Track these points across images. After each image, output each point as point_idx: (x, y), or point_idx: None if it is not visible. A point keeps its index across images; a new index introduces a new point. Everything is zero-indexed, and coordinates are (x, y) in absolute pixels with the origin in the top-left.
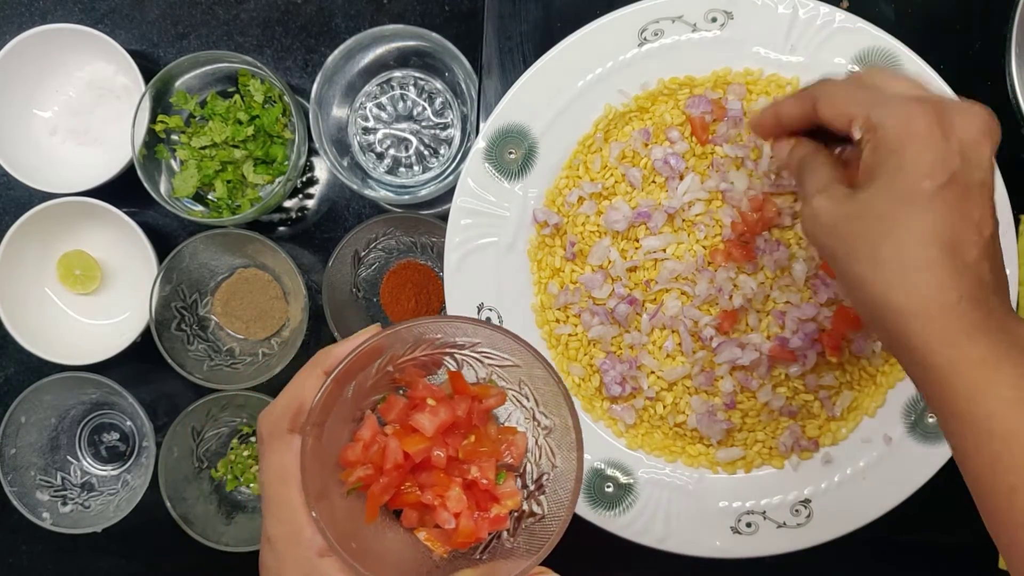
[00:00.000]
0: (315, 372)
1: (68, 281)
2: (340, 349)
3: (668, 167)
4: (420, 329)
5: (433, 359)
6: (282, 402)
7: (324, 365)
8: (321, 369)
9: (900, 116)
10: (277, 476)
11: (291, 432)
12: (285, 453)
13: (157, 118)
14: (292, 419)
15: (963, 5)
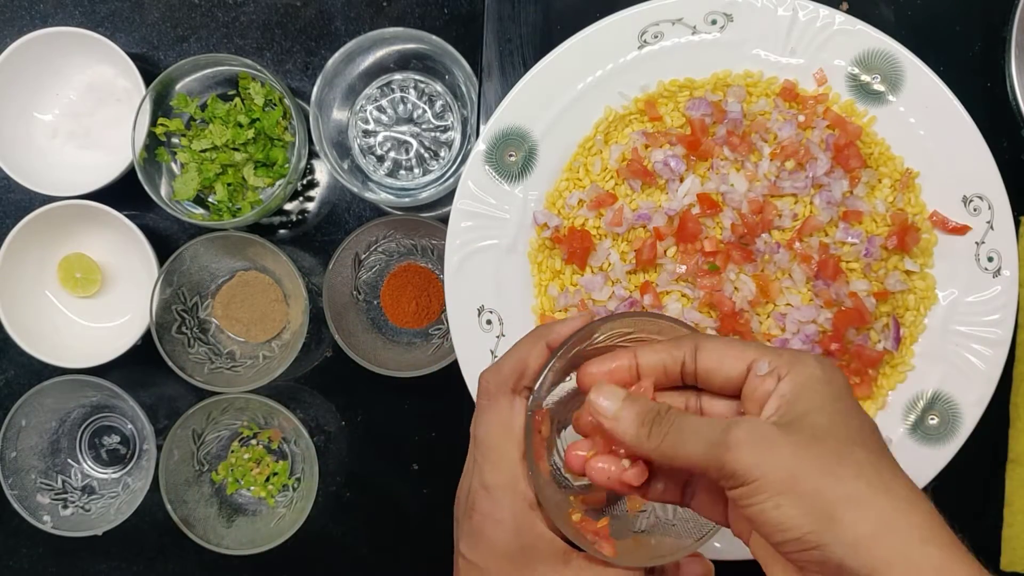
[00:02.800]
0: (540, 343)
1: (69, 284)
2: (562, 328)
3: (668, 169)
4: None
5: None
6: (509, 364)
7: (548, 338)
8: (545, 342)
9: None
10: (500, 430)
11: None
12: (507, 410)
13: (157, 121)
14: (515, 382)
15: (963, 6)
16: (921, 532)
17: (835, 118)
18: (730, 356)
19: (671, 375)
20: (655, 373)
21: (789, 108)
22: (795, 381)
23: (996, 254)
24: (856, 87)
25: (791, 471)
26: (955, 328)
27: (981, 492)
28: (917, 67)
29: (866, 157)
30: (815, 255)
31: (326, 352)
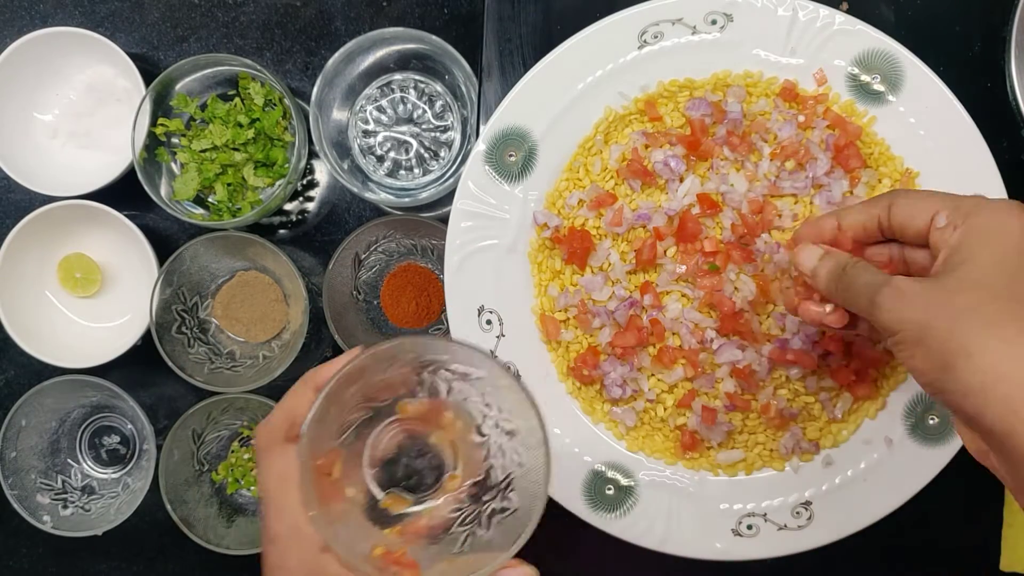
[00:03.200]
0: (307, 388)
1: (69, 284)
2: (328, 368)
3: (668, 169)
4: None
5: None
6: (278, 415)
7: (315, 382)
8: (312, 386)
9: (1001, 204)
10: (277, 480)
11: (286, 442)
12: (283, 460)
13: (157, 121)
14: (287, 431)
15: (963, 6)
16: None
17: (835, 118)
18: (919, 209)
19: (871, 232)
20: (856, 231)
21: (789, 108)
22: (965, 231)
23: None
24: (856, 87)
25: (924, 323)
26: None
27: (981, 492)
28: (917, 67)
29: (866, 157)
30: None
31: (326, 352)
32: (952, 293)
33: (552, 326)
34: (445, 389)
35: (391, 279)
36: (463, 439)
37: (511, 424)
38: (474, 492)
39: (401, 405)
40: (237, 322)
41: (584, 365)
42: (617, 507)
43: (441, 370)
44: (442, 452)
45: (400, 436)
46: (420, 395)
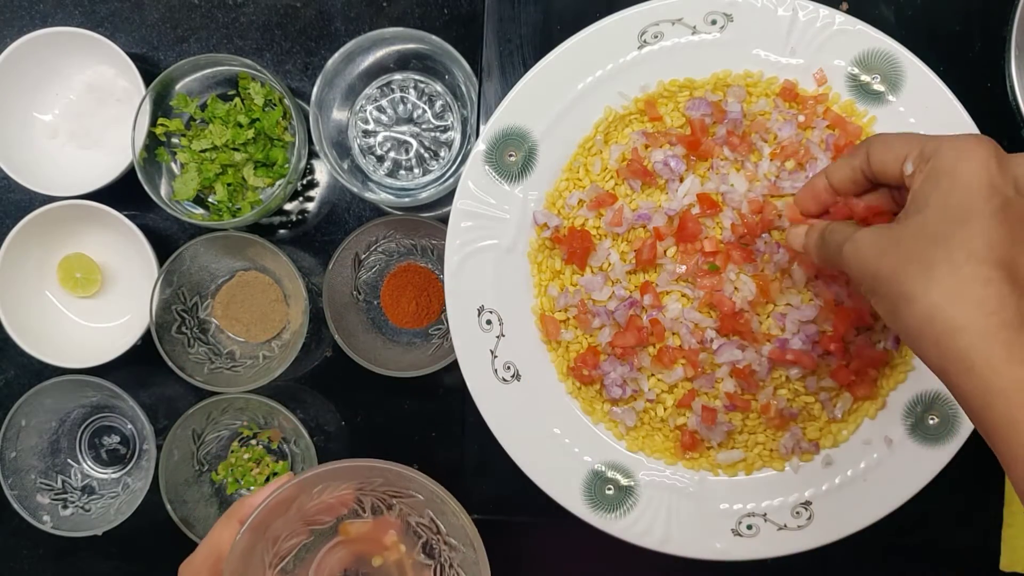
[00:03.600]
0: (231, 523)
1: (69, 284)
2: (254, 499)
3: (668, 169)
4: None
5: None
6: (201, 554)
7: (239, 514)
8: (236, 519)
9: (959, 144)
10: None
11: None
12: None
13: (157, 121)
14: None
15: (963, 7)
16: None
17: (835, 118)
18: (891, 156)
19: (859, 183)
20: (846, 187)
21: (789, 108)
22: (923, 177)
23: None
24: (856, 87)
25: (875, 272)
26: None
27: (981, 492)
28: (917, 67)
29: None
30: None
31: (326, 352)
32: (901, 241)
33: (552, 326)
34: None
35: (391, 279)
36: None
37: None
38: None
39: (343, 526)
40: (237, 322)
41: (584, 365)
42: (617, 507)
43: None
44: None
45: (344, 558)
46: (364, 515)
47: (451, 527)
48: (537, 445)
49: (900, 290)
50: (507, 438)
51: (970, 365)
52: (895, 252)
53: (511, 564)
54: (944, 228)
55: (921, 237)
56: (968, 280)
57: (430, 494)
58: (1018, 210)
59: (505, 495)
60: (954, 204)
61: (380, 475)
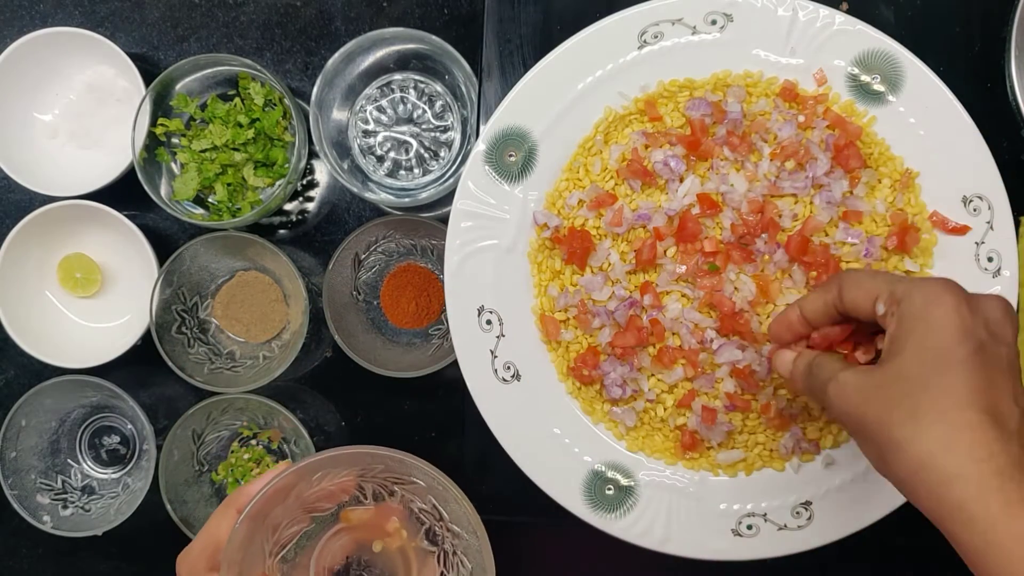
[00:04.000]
0: (228, 512)
1: (69, 284)
2: (251, 488)
3: (668, 169)
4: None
5: (343, 487)
6: (198, 544)
7: (237, 504)
8: (234, 508)
9: (928, 289)
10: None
11: (209, 572)
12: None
13: (157, 121)
14: (209, 559)
15: (963, 7)
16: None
17: (835, 118)
18: (862, 295)
19: (832, 316)
20: (819, 319)
21: (789, 108)
22: (897, 321)
23: (996, 254)
24: (856, 87)
25: (860, 417)
26: None
27: None
28: (917, 67)
29: (866, 157)
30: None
31: (326, 352)
32: (884, 386)
33: (552, 326)
34: (389, 494)
35: (391, 279)
36: (412, 547)
37: (455, 529)
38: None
39: (345, 513)
40: (237, 322)
41: (584, 365)
42: (617, 507)
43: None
44: (391, 560)
45: (346, 545)
46: (366, 502)
47: (453, 514)
48: (537, 445)
49: (888, 437)
50: (507, 438)
51: (968, 516)
52: (879, 398)
53: (511, 564)
54: (925, 373)
55: (903, 382)
56: (957, 427)
57: (432, 481)
58: (992, 353)
59: (505, 495)
60: (931, 349)
61: (380, 462)
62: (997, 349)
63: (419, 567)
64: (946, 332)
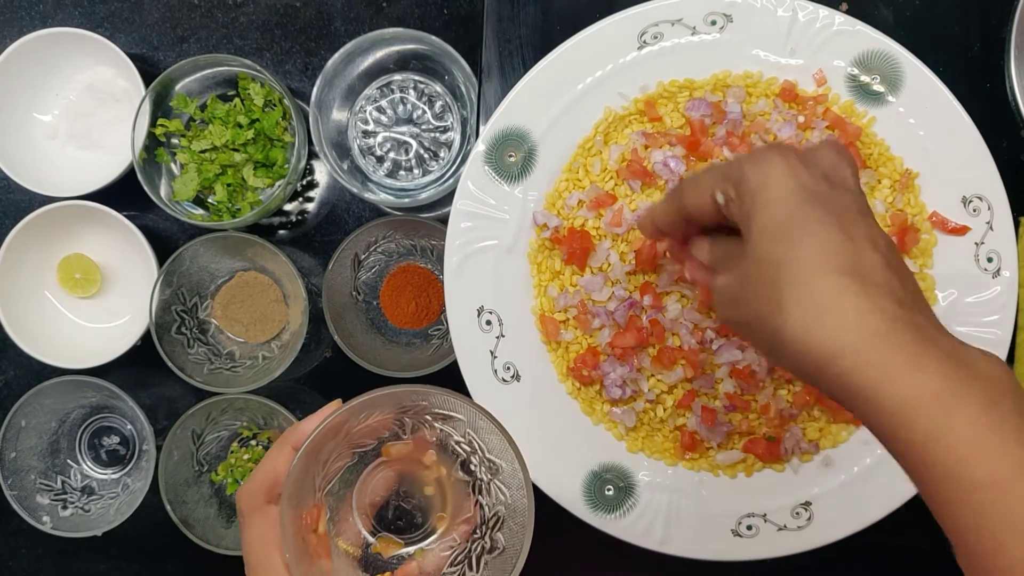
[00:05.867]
0: (285, 448)
1: (68, 285)
2: (306, 426)
3: (668, 170)
4: (375, 401)
5: (384, 423)
6: (257, 478)
7: (293, 440)
8: (290, 445)
9: (756, 159)
10: (260, 544)
11: (268, 504)
12: (265, 523)
13: (157, 121)
14: (267, 492)
15: (962, 7)
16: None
17: (835, 119)
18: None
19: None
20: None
21: (789, 109)
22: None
23: (995, 255)
24: (856, 88)
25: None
26: (955, 329)
27: None
28: (917, 68)
29: (866, 158)
30: None
31: (326, 353)
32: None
33: (552, 327)
34: (428, 430)
35: (391, 280)
36: (449, 479)
37: (495, 462)
38: (464, 531)
39: (385, 448)
40: (237, 323)
41: (584, 366)
42: (617, 508)
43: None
44: (429, 493)
45: (387, 478)
46: (404, 437)
47: (491, 445)
48: (537, 446)
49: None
50: None
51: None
52: (746, 294)
53: None
54: (776, 251)
55: (761, 267)
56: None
57: (470, 414)
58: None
59: None
60: (775, 223)
61: (424, 398)
62: (840, 197)
63: (454, 496)
64: (785, 199)
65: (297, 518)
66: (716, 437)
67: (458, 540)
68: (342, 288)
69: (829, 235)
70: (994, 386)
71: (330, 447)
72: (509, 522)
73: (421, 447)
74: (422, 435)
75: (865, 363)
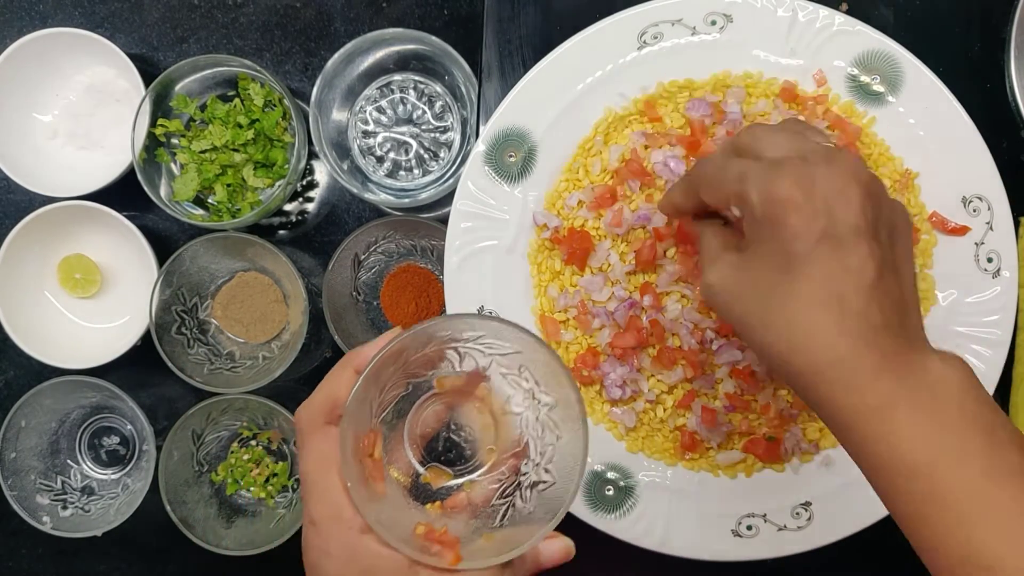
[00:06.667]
0: (347, 370)
1: (68, 285)
2: (369, 350)
3: (668, 170)
4: (434, 328)
5: (439, 354)
6: (319, 398)
7: (355, 364)
8: (352, 368)
9: (762, 186)
10: (318, 463)
11: (327, 425)
12: (324, 442)
13: (157, 122)
14: (327, 413)
15: (962, 7)
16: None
17: (835, 119)
18: (717, 198)
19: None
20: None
21: (789, 109)
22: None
23: (996, 255)
24: (856, 88)
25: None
26: (955, 329)
27: None
28: (917, 68)
29: (865, 158)
30: None
31: (326, 353)
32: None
33: (552, 327)
34: (481, 362)
35: (391, 280)
36: (500, 412)
37: (548, 397)
38: (513, 465)
39: (439, 379)
40: (237, 323)
41: (584, 366)
42: (617, 508)
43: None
44: (480, 425)
45: (439, 410)
46: (458, 369)
47: (545, 379)
48: None
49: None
50: None
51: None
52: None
53: None
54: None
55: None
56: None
57: (528, 346)
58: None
59: None
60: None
61: (482, 328)
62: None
63: (504, 430)
64: (785, 235)
65: (356, 440)
66: (716, 437)
67: (506, 474)
68: (342, 288)
69: (822, 272)
70: (942, 387)
71: (388, 374)
72: (560, 455)
73: (474, 380)
74: (476, 368)
75: (831, 380)
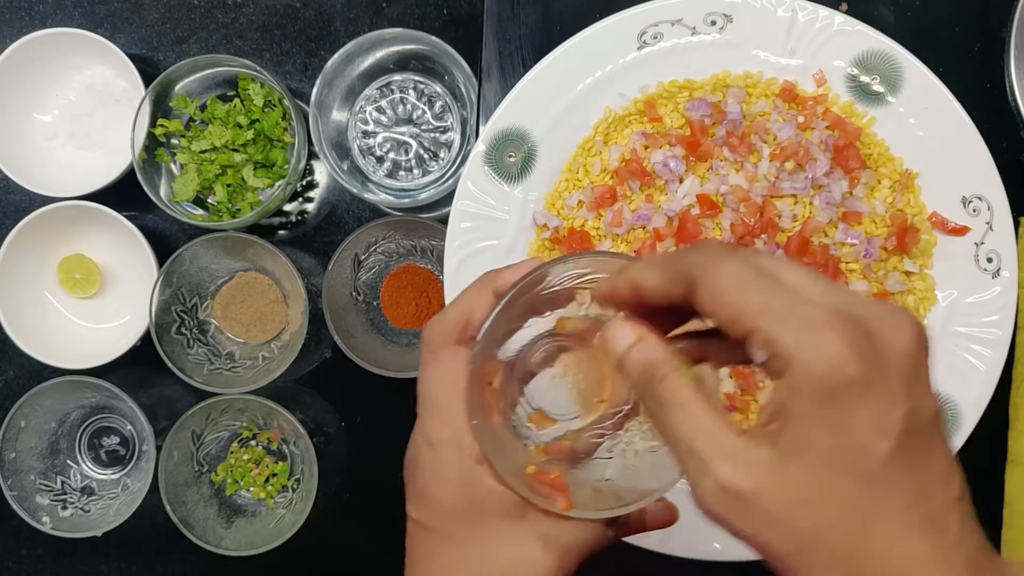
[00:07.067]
0: (486, 291)
1: (68, 285)
2: (509, 274)
3: (667, 170)
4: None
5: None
6: (452, 315)
7: (495, 286)
8: (491, 289)
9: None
10: (444, 383)
11: (456, 344)
12: (453, 362)
13: (157, 122)
14: (459, 333)
15: (962, 7)
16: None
17: (834, 119)
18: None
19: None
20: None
21: (788, 109)
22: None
23: (995, 255)
24: (855, 88)
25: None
26: (954, 329)
27: (981, 493)
28: (916, 68)
29: (865, 158)
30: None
31: (325, 353)
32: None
33: None
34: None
35: (391, 280)
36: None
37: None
38: (619, 421)
39: (560, 321)
40: (236, 323)
41: None
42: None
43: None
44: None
45: (552, 353)
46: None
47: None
48: None
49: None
50: None
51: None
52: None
53: None
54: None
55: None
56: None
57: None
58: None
59: None
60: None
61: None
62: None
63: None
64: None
65: (484, 366)
66: None
67: (611, 429)
68: (342, 288)
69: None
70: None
71: (519, 304)
72: None
73: (595, 328)
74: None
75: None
